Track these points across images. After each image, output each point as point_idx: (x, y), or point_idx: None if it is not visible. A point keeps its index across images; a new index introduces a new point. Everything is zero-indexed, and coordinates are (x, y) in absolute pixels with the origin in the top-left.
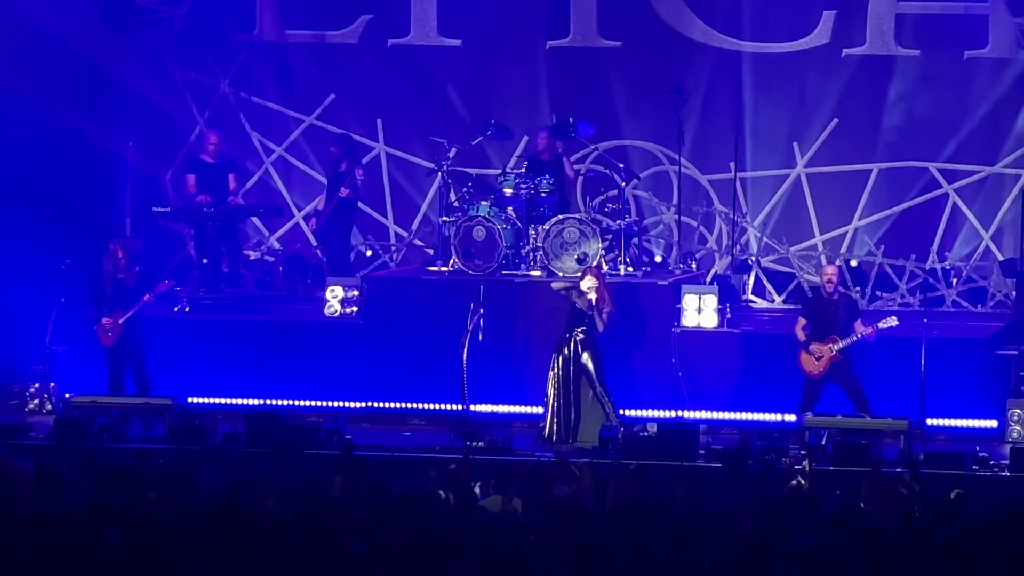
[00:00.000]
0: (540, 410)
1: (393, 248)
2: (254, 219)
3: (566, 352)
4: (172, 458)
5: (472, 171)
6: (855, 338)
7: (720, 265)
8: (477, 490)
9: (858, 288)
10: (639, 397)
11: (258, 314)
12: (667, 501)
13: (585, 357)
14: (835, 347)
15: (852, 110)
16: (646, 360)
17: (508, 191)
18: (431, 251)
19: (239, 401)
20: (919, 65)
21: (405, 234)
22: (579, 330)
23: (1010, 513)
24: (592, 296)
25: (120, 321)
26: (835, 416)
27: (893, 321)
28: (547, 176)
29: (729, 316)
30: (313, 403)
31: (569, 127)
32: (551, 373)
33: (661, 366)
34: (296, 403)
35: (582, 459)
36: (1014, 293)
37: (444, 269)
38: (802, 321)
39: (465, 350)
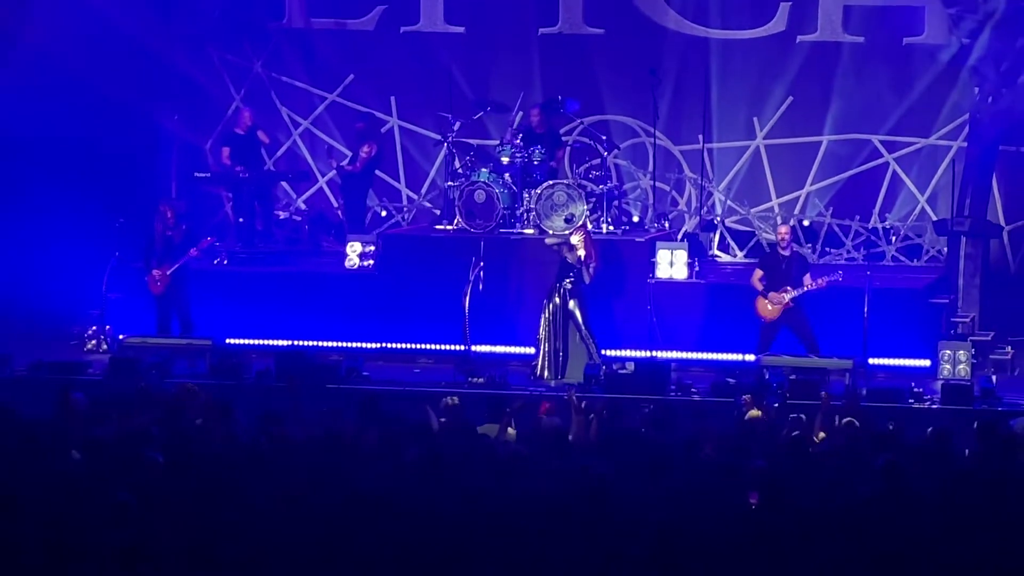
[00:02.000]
0: (532, 350)
1: (405, 209)
2: (283, 183)
3: (556, 300)
4: (212, 392)
5: (474, 142)
6: (806, 289)
7: (689, 224)
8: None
9: (810, 245)
10: (619, 339)
11: (287, 266)
12: (642, 432)
13: (572, 304)
14: (787, 296)
15: (805, 89)
16: (625, 307)
17: (505, 159)
18: (438, 212)
19: (270, 342)
20: (863, 50)
21: (415, 197)
22: (568, 280)
23: (938, 439)
24: (580, 252)
25: (168, 272)
26: (788, 356)
27: (839, 276)
28: (539, 147)
29: (697, 269)
30: (334, 344)
31: (558, 104)
32: (542, 318)
33: (638, 312)
34: (320, 344)
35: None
36: (945, 249)
37: (449, 227)
38: (759, 272)
39: (467, 298)
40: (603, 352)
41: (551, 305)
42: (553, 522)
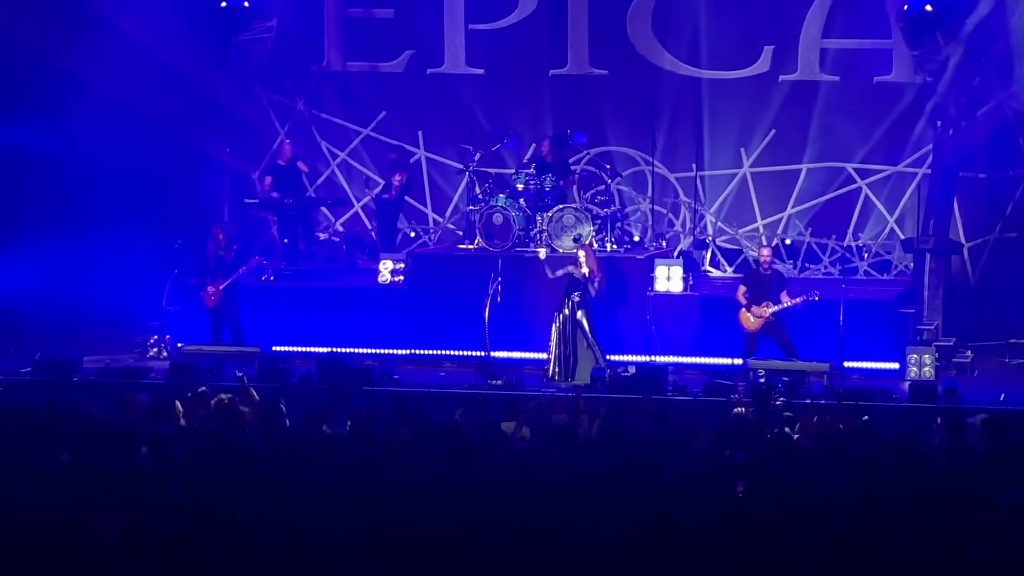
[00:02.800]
0: (545, 356)
1: (431, 230)
2: (323, 208)
3: (565, 311)
4: (261, 394)
5: (492, 171)
6: (785, 305)
7: (684, 243)
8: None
9: (791, 261)
10: (622, 345)
11: (326, 282)
12: (640, 428)
13: (580, 315)
14: (768, 311)
15: (786, 122)
16: (627, 317)
17: (520, 186)
18: (460, 233)
19: (312, 349)
20: (838, 87)
21: (440, 220)
22: (576, 294)
23: (909, 434)
24: (585, 269)
25: (220, 287)
26: (773, 360)
27: (815, 295)
28: (550, 175)
29: (691, 283)
30: (369, 351)
31: (567, 136)
32: (554, 327)
33: (639, 321)
34: (356, 351)
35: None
36: (912, 265)
37: (470, 247)
38: (742, 288)
39: (487, 309)
40: (608, 357)
41: (561, 316)
42: (560, 508)
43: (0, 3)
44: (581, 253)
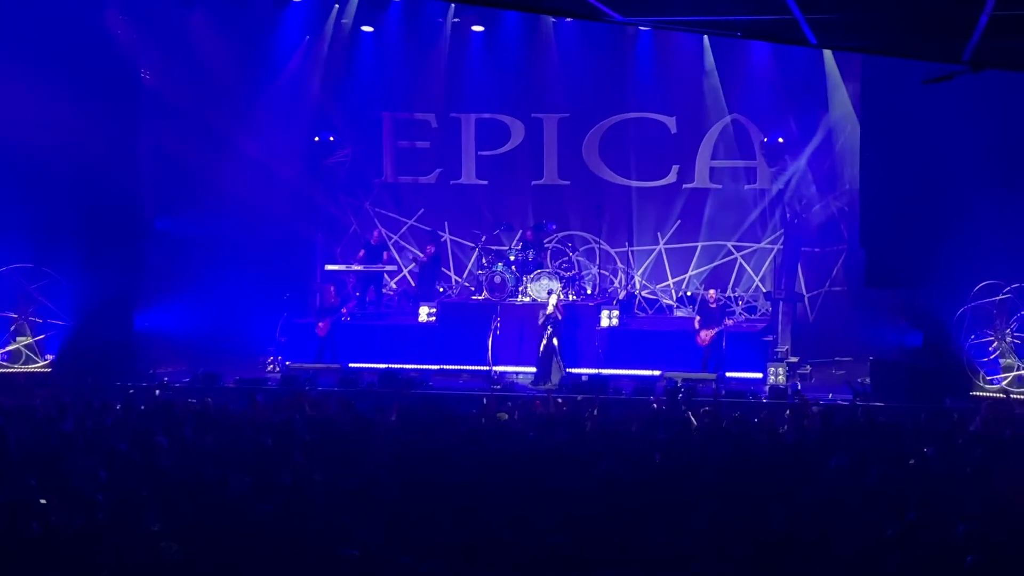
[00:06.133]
0: (531, 368)
1: (453, 287)
2: (384, 273)
3: (543, 339)
4: (341, 395)
5: (493, 247)
6: (726, 325)
7: (620, 295)
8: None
9: (691, 306)
10: (579, 361)
11: (385, 321)
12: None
13: (553, 341)
14: (712, 333)
15: (688, 215)
16: (582, 342)
17: (512, 257)
18: (473, 288)
19: (375, 365)
20: (722, 192)
21: (459, 280)
22: (550, 327)
23: (769, 420)
24: (552, 308)
25: (329, 323)
26: (679, 372)
27: (739, 319)
28: (532, 250)
29: (625, 321)
30: (412, 366)
31: (543, 225)
32: (539, 348)
33: (590, 346)
34: (403, 366)
35: (552, 394)
36: (770, 309)
37: (479, 298)
38: (698, 318)
39: (491, 338)
40: (569, 369)
41: (542, 342)
42: (535, 467)
43: (159, 132)
44: (552, 298)
